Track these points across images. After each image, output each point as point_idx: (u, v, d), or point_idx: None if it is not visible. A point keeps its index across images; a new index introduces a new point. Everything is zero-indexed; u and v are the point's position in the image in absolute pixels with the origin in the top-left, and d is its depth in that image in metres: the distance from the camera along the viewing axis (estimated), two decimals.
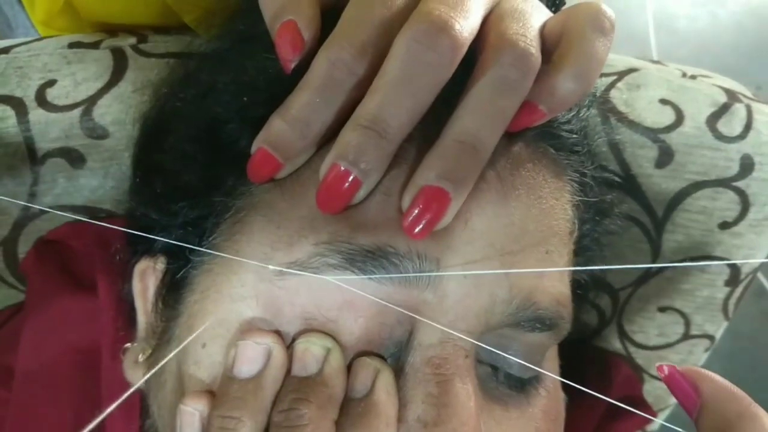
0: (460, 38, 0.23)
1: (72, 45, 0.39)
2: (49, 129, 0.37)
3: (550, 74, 0.24)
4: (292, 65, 0.25)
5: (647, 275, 0.44)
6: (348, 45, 0.24)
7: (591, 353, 0.46)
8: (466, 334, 0.25)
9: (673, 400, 0.49)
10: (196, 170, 0.29)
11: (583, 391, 0.41)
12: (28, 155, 0.37)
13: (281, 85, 0.26)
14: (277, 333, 0.25)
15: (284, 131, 0.25)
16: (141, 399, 0.33)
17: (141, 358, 0.32)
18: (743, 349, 1.10)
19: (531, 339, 0.27)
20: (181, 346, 0.26)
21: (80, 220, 0.38)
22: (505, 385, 0.27)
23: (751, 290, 0.45)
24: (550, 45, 0.25)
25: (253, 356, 0.24)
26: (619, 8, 1.50)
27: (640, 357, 0.47)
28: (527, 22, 0.25)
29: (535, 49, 0.24)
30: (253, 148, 0.25)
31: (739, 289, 0.44)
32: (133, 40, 0.40)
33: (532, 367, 0.27)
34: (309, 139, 0.25)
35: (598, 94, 0.39)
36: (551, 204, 0.28)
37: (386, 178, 0.25)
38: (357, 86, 0.24)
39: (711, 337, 0.46)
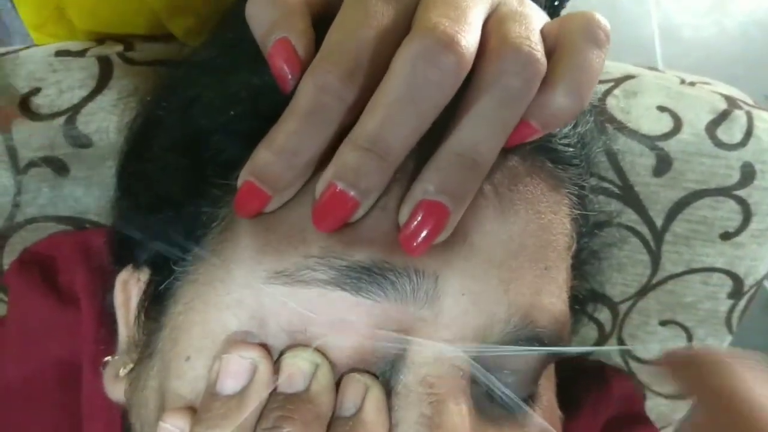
0: (467, 54, 0.22)
1: (59, 53, 0.39)
2: (33, 137, 0.36)
3: (543, 90, 0.23)
4: (292, 84, 0.24)
5: (647, 287, 0.42)
6: (334, 68, 0.22)
7: (590, 368, 0.44)
8: (464, 352, 0.24)
9: (677, 417, 0.48)
10: (180, 180, 0.29)
11: (577, 407, 0.40)
12: (11, 164, 0.36)
13: (268, 99, 0.25)
14: (264, 346, 0.24)
15: (271, 162, 0.23)
16: (123, 417, 0.32)
17: (122, 372, 0.31)
18: None
19: (527, 358, 0.26)
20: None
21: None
22: (500, 404, 0.26)
23: (760, 304, 0.44)
24: (545, 55, 0.24)
25: (238, 371, 0.23)
26: (624, 18, 1.49)
27: (641, 372, 0.46)
28: (529, 24, 0.23)
29: (539, 53, 0.23)
30: (240, 182, 0.24)
31: (742, 302, 0.43)
32: (119, 47, 0.39)
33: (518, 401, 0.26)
34: (298, 169, 0.23)
35: (595, 103, 0.38)
36: (549, 219, 0.27)
37: (382, 192, 0.24)
38: (346, 112, 0.23)
39: None
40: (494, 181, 0.25)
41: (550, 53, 0.24)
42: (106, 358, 0.33)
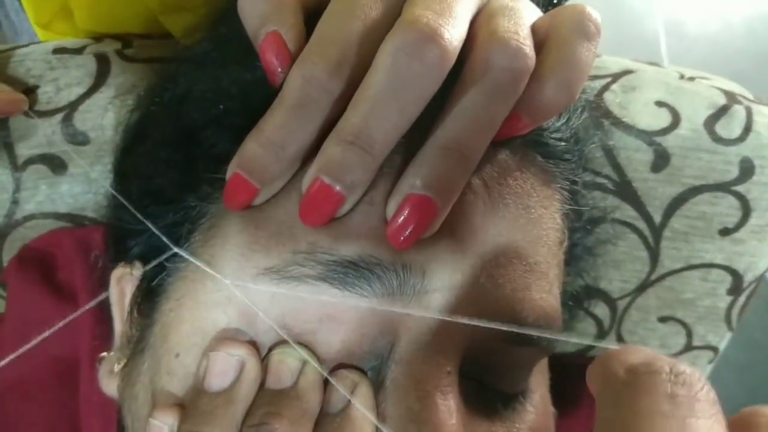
0: (450, 48, 0.22)
1: (56, 51, 0.39)
2: (30, 135, 0.36)
3: (532, 83, 0.23)
4: (281, 78, 0.24)
5: (646, 284, 0.42)
6: (322, 61, 0.22)
7: (588, 365, 0.44)
8: (452, 348, 0.24)
9: None
10: (171, 175, 0.29)
11: (575, 404, 0.40)
12: (9, 161, 0.37)
13: (259, 93, 0.25)
14: (252, 343, 0.24)
15: (258, 155, 0.23)
16: (119, 412, 0.33)
17: (116, 367, 0.31)
18: (757, 359, 1.08)
19: (518, 353, 0.26)
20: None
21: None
22: (491, 400, 0.26)
23: (763, 300, 0.44)
24: (535, 49, 0.24)
25: (225, 369, 0.23)
26: (629, 13, 1.48)
27: None
28: (519, 19, 0.23)
29: (528, 48, 0.23)
30: (228, 174, 0.24)
31: (742, 298, 0.43)
32: (117, 45, 0.39)
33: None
34: (285, 161, 0.24)
35: (591, 98, 0.38)
36: (540, 213, 0.27)
37: (369, 186, 0.24)
38: (333, 104, 0.23)
39: (714, 349, 0.45)
40: (483, 175, 0.25)
41: (540, 46, 0.24)
42: (102, 354, 0.33)
